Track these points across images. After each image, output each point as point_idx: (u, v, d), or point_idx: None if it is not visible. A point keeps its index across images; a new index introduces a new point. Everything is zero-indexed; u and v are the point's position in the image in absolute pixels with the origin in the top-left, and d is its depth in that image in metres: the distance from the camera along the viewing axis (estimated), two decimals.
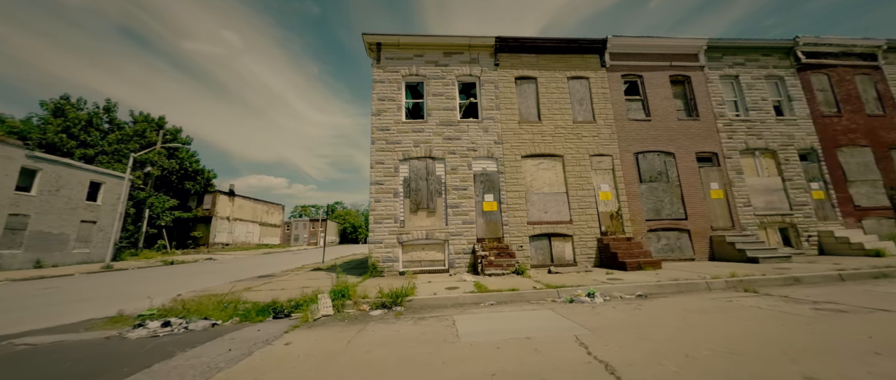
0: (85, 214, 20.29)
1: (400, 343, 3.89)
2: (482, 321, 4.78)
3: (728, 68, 12.21)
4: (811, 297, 5.31)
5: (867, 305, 4.60)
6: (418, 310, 5.87)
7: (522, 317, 4.92)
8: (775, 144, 11.55)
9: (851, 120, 12.08)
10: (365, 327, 4.73)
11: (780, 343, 3.24)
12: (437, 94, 11.09)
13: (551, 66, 11.71)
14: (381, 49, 11.26)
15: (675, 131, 11.41)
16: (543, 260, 10.14)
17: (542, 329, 4.16)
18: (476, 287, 6.93)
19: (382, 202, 10.08)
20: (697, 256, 10.40)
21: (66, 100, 23.09)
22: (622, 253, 9.16)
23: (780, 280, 6.78)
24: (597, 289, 6.48)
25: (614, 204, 10.69)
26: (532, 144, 10.91)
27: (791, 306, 4.72)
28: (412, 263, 9.87)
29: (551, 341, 3.64)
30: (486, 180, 10.57)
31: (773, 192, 11.26)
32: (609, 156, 11.06)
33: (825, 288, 6.12)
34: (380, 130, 10.61)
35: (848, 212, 11.20)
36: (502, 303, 6.11)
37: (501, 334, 4.02)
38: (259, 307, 5.65)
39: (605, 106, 11.47)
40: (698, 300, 5.51)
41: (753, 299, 5.34)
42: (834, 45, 12.58)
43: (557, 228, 10.28)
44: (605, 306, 5.33)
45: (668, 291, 6.52)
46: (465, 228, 10.05)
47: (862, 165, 11.70)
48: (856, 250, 9.77)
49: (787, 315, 4.26)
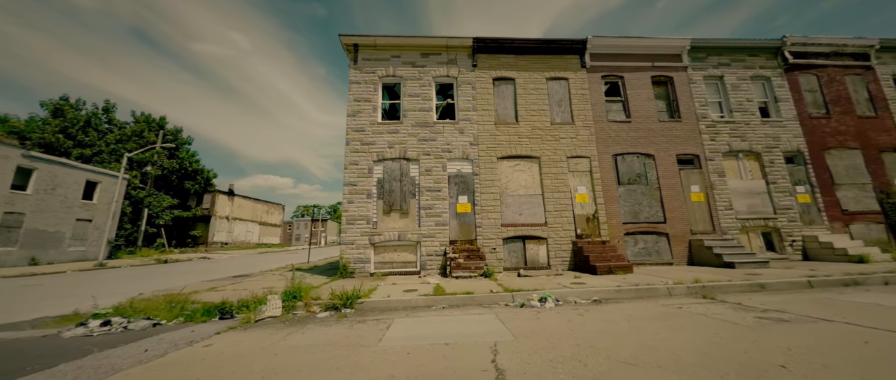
0: (80, 212, 20.65)
1: (319, 347, 3.84)
2: (418, 325, 4.71)
3: (712, 69, 11.97)
4: (765, 305, 5.14)
5: (815, 314, 4.42)
6: (368, 312, 5.82)
7: (461, 321, 4.84)
8: (760, 147, 11.28)
9: (841, 122, 11.75)
10: (299, 329, 4.70)
11: (690, 354, 3.11)
12: (414, 94, 11.06)
13: (530, 66, 11.60)
14: (358, 50, 11.27)
15: (656, 133, 11.21)
16: (517, 263, 10.02)
17: (469, 335, 4.08)
18: (434, 290, 6.85)
19: (355, 203, 10.07)
20: (676, 260, 10.19)
21: (65, 101, 23.58)
22: (594, 257, 9.01)
23: (746, 286, 6.59)
24: (553, 293, 6.36)
25: (591, 207, 10.53)
26: (508, 146, 10.80)
27: (736, 314, 4.57)
28: (384, 264, 9.82)
29: (466, 347, 3.56)
30: (461, 182, 10.49)
31: (756, 195, 11.00)
32: (587, 157, 10.90)
33: (788, 295, 5.93)
34: (355, 130, 10.60)
35: (835, 216, 10.89)
36: (454, 306, 6.04)
37: (425, 339, 3.95)
38: (206, 308, 5.65)
39: (584, 107, 11.31)
40: (650, 306, 5.37)
41: (705, 306, 5.19)
42: (824, 44, 12.26)
43: (532, 231, 10.15)
44: (550, 312, 5.22)
45: (627, 296, 6.37)
46: (438, 230, 9.98)
47: (851, 168, 11.37)
48: (839, 256, 9.48)
49: (724, 324, 4.12)
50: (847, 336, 3.44)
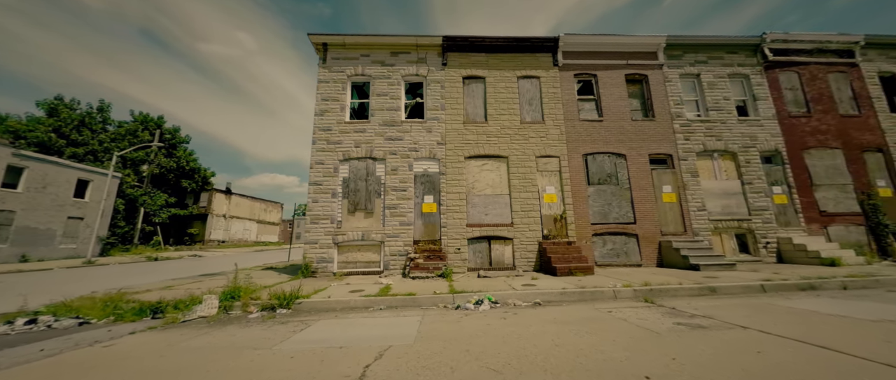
0: (72, 210, 20.98)
1: (215, 348, 3.80)
2: (336, 327, 4.66)
3: (689, 66, 11.71)
4: (699, 310, 4.98)
5: (737, 321, 4.27)
6: (303, 313, 5.78)
7: (382, 323, 4.77)
8: (736, 146, 11.01)
9: (822, 120, 11.42)
10: (215, 330, 4.68)
11: (566, 362, 3.01)
12: (382, 94, 10.99)
13: (502, 65, 11.46)
14: (327, 49, 11.22)
15: (629, 132, 11.00)
16: (482, 263, 9.92)
17: (373, 338, 4.01)
18: (379, 291, 6.79)
19: (320, 203, 10.04)
20: (645, 261, 10.00)
21: (60, 100, 23.99)
22: (556, 258, 8.87)
23: (696, 290, 6.42)
24: (497, 296, 6.26)
25: (559, 207, 10.38)
26: (476, 145, 10.69)
27: (659, 320, 4.43)
28: (347, 264, 9.79)
29: (355, 351, 3.49)
30: (427, 182, 10.40)
31: (731, 196, 10.74)
32: (556, 157, 10.74)
33: (733, 300, 5.76)
34: (321, 130, 10.57)
35: (812, 218, 10.59)
36: (391, 308, 5.97)
37: (326, 343, 3.89)
38: (140, 307, 5.65)
39: (555, 106, 11.15)
40: (581, 310, 5.25)
41: (636, 311, 5.05)
42: (806, 41, 11.92)
43: (498, 231, 10.04)
44: (478, 315, 5.12)
45: (570, 299, 6.25)
46: (403, 230, 9.91)
47: (831, 169, 11.04)
48: (812, 259, 9.22)
49: (636, 330, 3.99)
50: (746, 345, 3.30)
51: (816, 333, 3.61)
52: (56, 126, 22.77)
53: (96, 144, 23.94)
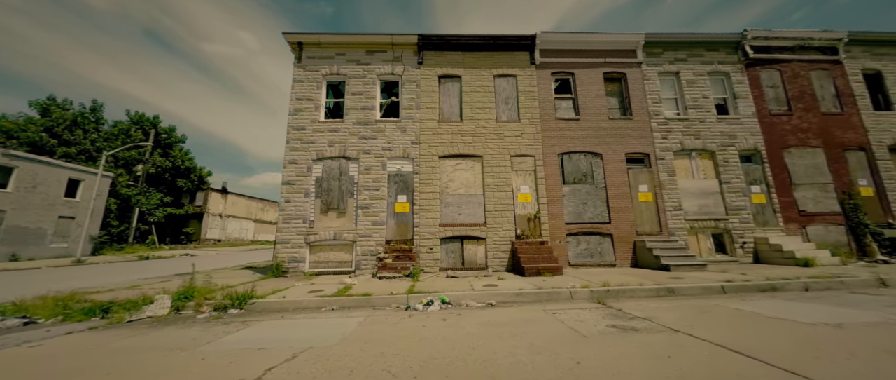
0: (63, 210, 21.13)
1: (141, 349, 3.78)
2: (274, 328, 4.65)
3: (668, 64, 11.57)
4: (644, 312, 4.91)
5: (674, 324, 4.20)
6: (257, 313, 5.77)
7: (321, 325, 4.73)
8: (714, 145, 10.88)
9: (803, 119, 11.25)
10: (157, 330, 4.69)
11: (471, 364, 2.96)
12: (357, 93, 10.95)
13: (478, 64, 11.38)
14: (303, 48, 11.19)
15: (605, 131, 10.89)
16: (454, 263, 9.87)
17: (301, 339, 3.97)
18: (339, 292, 6.76)
19: (292, 202, 10.02)
20: (619, 261, 9.91)
21: (52, 100, 24.17)
22: (526, 258, 8.81)
23: (654, 291, 6.34)
24: (453, 296, 6.22)
25: (534, 206, 10.30)
26: (451, 144, 10.63)
27: (595, 322, 4.37)
28: (319, 263, 9.78)
29: (269, 354, 3.45)
30: (401, 181, 10.36)
31: (708, 195, 10.62)
32: (531, 156, 10.66)
33: (687, 301, 5.68)
34: (295, 129, 10.55)
35: (791, 218, 10.45)
36: (344, 308, 5.95)
37: (254, 344, 3.87)
38: (91, 307, 5.65)
39: (531, 105, 11.06)
40: (530, 312, 5.20)
41: (581, 313, 4.98)
42: (788, 38, 11.74)
43: (471, 231, 9.98)
44: (421, 316, 5.07)
45: (526, 300, 6.19)
46: (375, 230, 9.88)
47: (811, 168, 10.89)
48: (787, 259, 9.09)
49: (566, 333, 3.93)
50: (662, 350, 3.23)
51: (742, 336, 3.53)
52: (48, 126, 22.92)
53: (88, 143, 24.09)
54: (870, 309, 4.55)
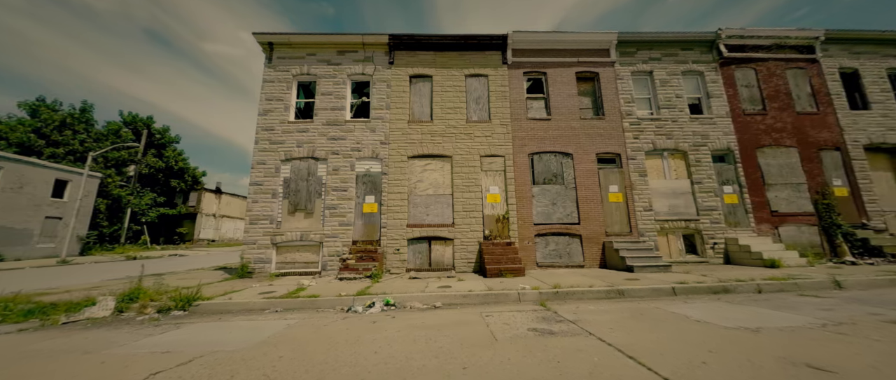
0: (50, 210, 21.20)
1: (56, 352, 3.77)
2: (201, 330, 4.62)
3: (642, 64, 11.47)
4: (577, 315, 4.86)
5: (595, 328, 4.14)
6: (200, 314, 5.76)
7: (248, 327, 4.70)
8: (686, 145, 10.78)
9: (777, 118, 11.13)
10: (87, 332, 4.70)
11: (356, 373, 2.92)
12: (327, 93, 10.91)
13: (450, 63, 11.32)
14: (273, 48, 11.16)
15: (576, 131, 10.82)
16: (421, 264, 9.83)
17: (213, 343, 3.94)
18: (290, 293, 6.74)
19: (260, 203, 10.00)
20: (588, 262, 9.83)
21: (42, 101, 24.28)
22: (489, 259, 8.75)
23: (603, 293, 6.27)
24: (399, 298, 6.18)
25: (503, 207, 10.24)
26: (420, 145, 10.58)
27: (521, 325, 4.31)
28: (286, 264, 9.75)
29: (170, 357, 3.42)
30: (369, 182, 10.32)
31: (679, 195, 10.53)
32: (501, 157, 10.60)
33: (630, 303, 5.61)
34: (264, 130, 10.52)
35: (763, 218, 10.34)
36: (289, 310, 5.92)
37: (165, 347, 3.84)
38: (29, 309, 5.64)
39: (502, 105, 10.99)
40: (466, 314, 5.14)
41: (513, 315, 4.93)
42: (764, 37, 11.62)
43: (438, 232, 9.93)
44: (354, 319, 5.03)
45: (473, 302, 6.13)
46: (342, 231, 9.85)
47: (785, 168, 10.77)
48: (755, 260, 9.00)
49: (483, 336, 3.88)
50: (559, 354, 3.18)
51: (650, 341, 3.47)
52: (36, 127, 23.01)
53: (77, 144, 24.16)
54: (803, 312, 4.47)
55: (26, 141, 22.00)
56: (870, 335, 3.32)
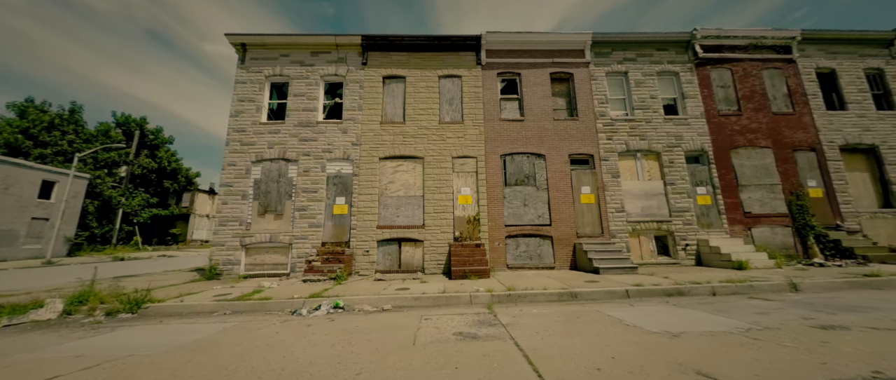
0: (36, 211, 21.23)
1: None
2: (138, 334, 4.61)
3: (617, 64, 11.42)
4: (514, 318, 4.82)
5: (521, 332, 4.10)
6: (149, 317, 5.74)
7: (187, 330, 4.68)
8: (660, 146, 10.72)
9: (752, 119, 11.07)
10: (21, 335, 4.67)
11: (241, 372, 2.89)
12: (299, 94, 10.89)
13: (423, 64, 11.29)
14: (246, 50, 11.15)
15: (549, 132, 10.77)
16: (391, 265, 9.79)
17: (138, 347, 3.91)
18: (243, 296, 6.70)
19: (230, 204, 9.98)
20: (559, 264, 9.79)
21: (30, 102, 24.35)
22: (456, 261, 8.71)
23: (556, 296, 6.22)
24: (350, 300, 6.14)
25: (474, 208, 10.20)
26: (392, 146, 10.54)
27: (452, 329, 4.28)
28: (255, 266, 9.72)
29: (75, 362, 3.39)
30: (340, 183, 10.29)
31: (652, 196, 10.47)
32: (473, 158, 10.56)
33: (577, 306, 5.57)
34: (236, 131, 10.50)
35: (736, 219, 10.28)
36: (237, 312, 5.89)
37: (92, 349, 3.82)
38: None
39: (475, 106, 10.95)
40: (407, 318, 5.10)
41: (452, 318, 4.89)
42: (740, 37, 11.56)
43: (409, 233, 9.89)
44: (294, 322, 5.00)
45: (423, 304, 6.09)
46: (311, 232, 9.81)
47: (759, 169, 10.71)
48: (725, 262, 8.94)
49: (402, 340, 3.84)
50: (464, 360, 3.14)
51: (567, 347, 3.42)
52: (24, 127, 23.05)
53: (65, 145, 24.20)
54: (738, 316, 4.42)
55: (13, 142, 22.04)
56: (782, 341, 3.27)
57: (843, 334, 3.45)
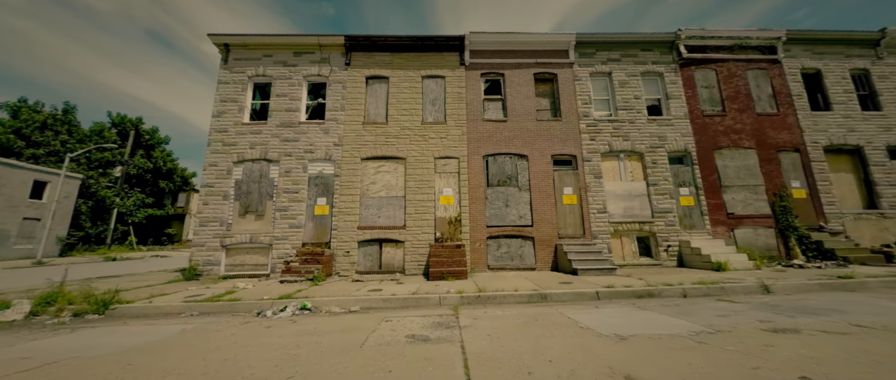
0: (28, 211, 21.25)
1: None
2: (93, 336, 4.58)
3: (601, 65, 11.39)
4: (477, 320, 4.80)
5: (468, 336, 4.07)
6: (116, 318, 5.74)
7: (145, 332, 4.66)
8: (643, 146, 10.69)
9: (736, 119, 11.03)
10: None
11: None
12: (282, 94, 10.87)
13: (407, 65, 11.26)
14: (229, 50, 11.13)
15: (532, 133, 10.74)
16: (372, 266, 9.77)
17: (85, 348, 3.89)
18: (215, 296, 6.68)
19: (210, 205, 9.96)
20: (540, 265, 9.76)
21: (23, 102, 24.38)
22: (434, 262, 8.68)
23: (525, 297, 6.20)
24: (319, 301, 6.13)
25: (455, 209, 10.18)
26: (375, 146, 10.52)
27: (404, 331, 4.25)
28: (235, 266, 9.71)
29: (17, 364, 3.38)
30: (322, 183, 10.27)
31: (635, 197, 10.43)
32: (456, 158, 10.53)
33: (544, 308, 5.55)
34: (217, 131, 10.49)
35: (719, 220, 10.24)
36: (204, 314, 5.88)
37: (36, 352, 3.80)
38: None
39: (458, 106, 10.93)
40: (368, 320, 5.07)
41: (413, 321, 4.87)
42: (725, 37, 11.52)
43: (390, 234, 9.87)
44: (256, 324, 4.98)
45: (391, 306, 6.07)
46: (292, 233, 9.80)
47: (743, 169, 10.67)
48: (705, 263, 8.90)
49: (354, 344, 3.82)
50: (401, 363, 3.11)
51: (509, 350, 3.39)
52: (17, 127, 23.08)
53: (58, 145, 24.23)
54: (695, 318, 4.39)
55: (5, 142, 22.07)
56: (726, 345, 3.24)
57: (790, 338, 3.42)
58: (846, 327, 3.74)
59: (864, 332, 3.56)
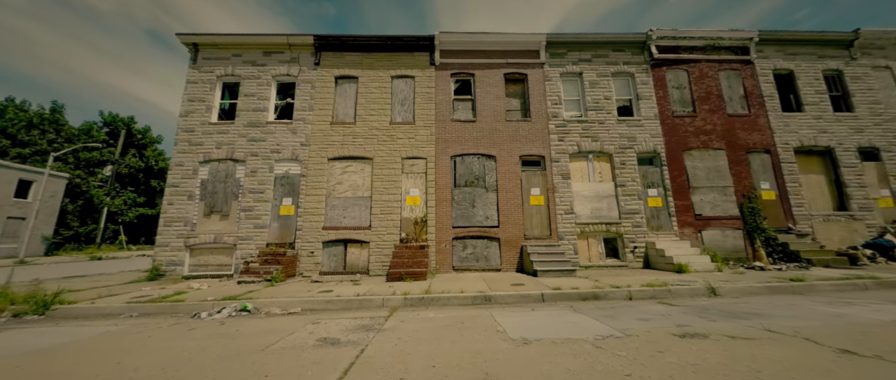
0: (12, 210, 21.29)
1: None
2: (16, 337, 4.54)
3: (572, 65, 11.34)
4: (404, 323, 4.77)
5: (381, 339, 4.04)
6: (58, 318, 5.76)
7: (67, 333, 4.64)
8: (612, 147, 10.63)
9: (707, 120, 10.97)
10: None
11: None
12: (250, 94, 10.85)
13: (376, 64, 11.23)
14: (198, 49, 11.11)
15: (501, 133, 10.70)
16: (336, 267, 9.74)
17: None
18: (162, 297, 6.66)
19: (175, 205, 9.94)
20: (505, 266, 9.72)
21: (11, 101, 24.45)
22: (395, 262, 8.66)
23: (470, 299, 6.16)
24: (262, 303, 6.10)
25: (422, 209, 10.14)
26: (342, 146, 10.49)
27: (323, 335, 4.22)
28: (199, 266, 9.68)
29: None
30: (288, 183, 10.24)
31: (603, 198, 10.38)
32: (423, 159, 10.49)
33: (485, 310, 5.51)
34: (184, 131, 10.46)
35: (687, 221, 10.19)
36: (144, 314, 5.87)
37: None
38: None
39: (427, 106, 10.89)
40: (298, 322, 5.05)
41: (339, 323, 4.83)
42: (697, 38, 11.46)
43: (355, 234, 9.84)
44: (182, 325, 4.96)
45: (333, 307, 6.04)
46: (257, 233, 9.77)
47: (712, 171, 10.61)
48: (668, 265, 8.85)
49: (264, 346, 3.79)
50: (286, 368, 3.07)
51: (409, 354, 3.36)
52: (2, 127, 23.12)
53: (45, 144, 24.27)
54: (617, 322, 4.34)
55: None
56: (618, 351, 3.19)
57: (690, 344, 3.37)
58: (757, 333, 3.70)
59: (770, 338, 3.52)
